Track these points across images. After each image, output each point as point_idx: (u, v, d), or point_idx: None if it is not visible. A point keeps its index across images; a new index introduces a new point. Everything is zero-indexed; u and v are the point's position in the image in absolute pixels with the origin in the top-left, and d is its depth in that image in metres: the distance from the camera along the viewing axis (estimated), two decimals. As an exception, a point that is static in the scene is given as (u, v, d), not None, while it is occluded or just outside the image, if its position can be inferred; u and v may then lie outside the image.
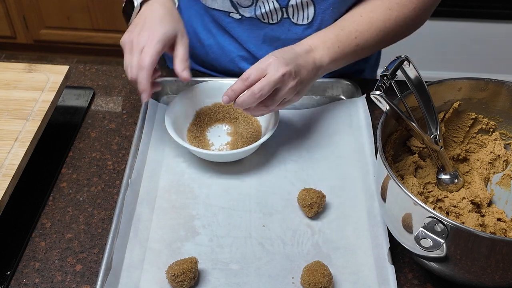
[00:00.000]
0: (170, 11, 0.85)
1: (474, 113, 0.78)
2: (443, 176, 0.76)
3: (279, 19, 0.93)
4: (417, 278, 0.72)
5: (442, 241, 0.58)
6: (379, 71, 1.16)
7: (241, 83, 0.77)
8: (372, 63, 1.12)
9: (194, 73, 1.04)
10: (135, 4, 0.87)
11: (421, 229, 0.59)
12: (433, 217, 0.59)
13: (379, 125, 0.69)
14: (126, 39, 0.83)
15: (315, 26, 0.92)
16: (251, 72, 0.77)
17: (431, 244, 0.59)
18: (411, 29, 0.91)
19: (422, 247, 0.59)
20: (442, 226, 0.58)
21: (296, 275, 0.71)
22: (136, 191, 0.80)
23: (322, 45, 0.84)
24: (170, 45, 0.83)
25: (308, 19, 0.92)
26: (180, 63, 0.83)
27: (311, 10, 0.91)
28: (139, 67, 0.80)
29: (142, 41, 0.81)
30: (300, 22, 0.93)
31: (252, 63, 0.80)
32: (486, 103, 0.77)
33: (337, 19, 0.89)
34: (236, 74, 0.97)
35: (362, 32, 0.86)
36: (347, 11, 0.91)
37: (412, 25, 0.90)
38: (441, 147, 0.73)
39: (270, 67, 0.77)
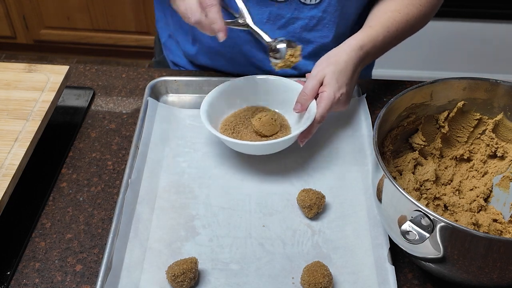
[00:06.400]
0: None
1: (479, 114, 0.78)
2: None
3: None
4: (417, 278, 0.72)
5: (427, 235, 0.59)
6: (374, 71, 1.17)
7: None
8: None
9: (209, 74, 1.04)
10: None
11: (408, 222, 0.60)
12: (420, 211, 0.59)
13: (375, 124, 0.69)
14: None
15: (322, 6, 0.93)
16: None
17: (417, 237, 0.59)
18: (424, 24, 0.95)
19: (408, 240, 0.59)
20: (428, 221, 0.59)
21: (296, 275, 0.71)
22: (136, 191, 0.80)
23: (373, 49, 0.86)
24: None
25: None
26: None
27: None
28: (205, 5, 0.75)
29: None
30: (308, 1, 0.93)
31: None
32: (491, 104, 0.77)
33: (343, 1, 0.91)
34: (240, 61, 0.99)
35: (401, 31, 0.88)
36: None
37: (427, 19, 0.94)
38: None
39: (326, 89, 0.82)
